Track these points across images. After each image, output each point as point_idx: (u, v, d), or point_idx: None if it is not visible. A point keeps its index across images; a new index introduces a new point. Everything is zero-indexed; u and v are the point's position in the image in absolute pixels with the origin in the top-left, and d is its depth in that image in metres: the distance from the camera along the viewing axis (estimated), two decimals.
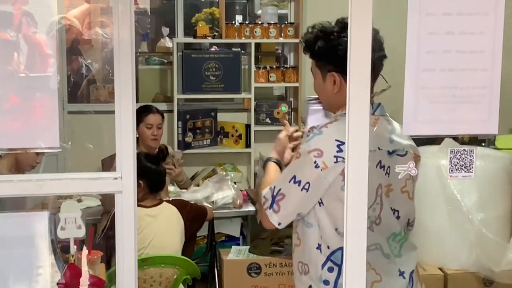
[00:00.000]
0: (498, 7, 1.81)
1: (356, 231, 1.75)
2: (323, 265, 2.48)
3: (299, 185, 2.42)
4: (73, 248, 1.99)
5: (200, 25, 6.15)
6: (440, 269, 3.75)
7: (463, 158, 1.87)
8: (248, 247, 4.55)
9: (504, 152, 4.21)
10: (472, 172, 1.87)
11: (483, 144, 4.26)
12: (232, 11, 7.07)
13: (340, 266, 2.44)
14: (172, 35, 6.61)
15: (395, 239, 2.55)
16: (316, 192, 2.42)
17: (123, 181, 1.68)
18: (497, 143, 4.36)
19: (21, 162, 3.95)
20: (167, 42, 6.86)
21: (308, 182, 2.41)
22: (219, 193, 4.87)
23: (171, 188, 4.94)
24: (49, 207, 3.27)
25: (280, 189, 2.46)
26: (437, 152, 3.63)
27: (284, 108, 6.27)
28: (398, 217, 2.55)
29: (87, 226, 2.04)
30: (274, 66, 6.17)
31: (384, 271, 2.49)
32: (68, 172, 1.80)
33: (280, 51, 6.59)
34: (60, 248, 2.05)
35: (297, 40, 6.07)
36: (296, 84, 6.11)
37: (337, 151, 2.39)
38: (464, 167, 1.87)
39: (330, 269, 2.47)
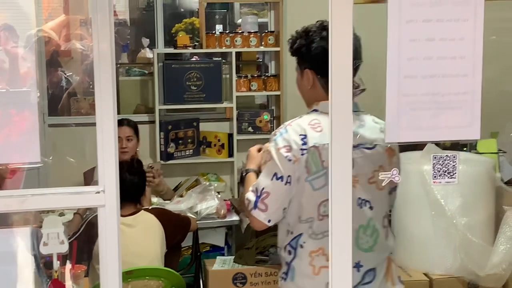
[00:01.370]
0: (477, 13, 1.81)
1: (341, 223, 1.76)
2: (285, 248, 2.70)
3: (282, 180, 2.58)
4: (56, 263, 1.97)
5: (180, 35, 6.14)
6: (425, 274, 3.76)
7: (446, 164, 1.87)
8: (233, 257, 4.53)
9: (486, 156, 4.23)
10: (455, 177, 1.87)
11: (464, 149, 4.28)
12: (212, 20, 7.08)
13: (295, 250, 2.66)
14: (152, 45, 6.59)
15: (366, 232, 2.65)
16: (294, 184, 2.59)
17: (106, 194, 1.67)
18: (478, 147, 4.38)
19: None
20: (148, 53, 6.84)
21: (289, 176, 2.58)
22: (203, 203, 4.85)
23: (154, 199, 4.91)
24: (31, 222, 3.24)
25: (263, 188, 2.60)
26: (420, 158, 3.64)
27: (266, 116, 6.29)
28: (371, 208, 2.65)
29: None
30: (255, 75, 6.17)
31: None
32: (51, 187, 1.78)
33: (261, 60, 6.60)
34: (43, 264, 2.03)
35: (277, 49, 6.07)
36: (278, 92, 6.11)
37: (302, 144, 2.58)
38: (447, 173, 1.88)
39: (289, 252, 2.69)
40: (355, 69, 2.60)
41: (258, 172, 2.75)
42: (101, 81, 1.69)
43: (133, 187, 4.13)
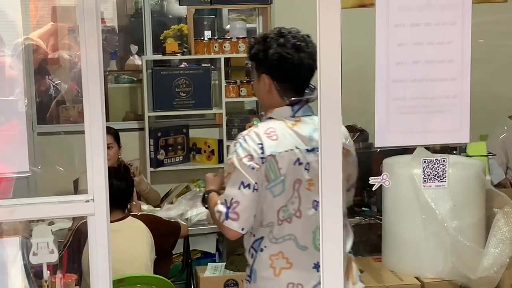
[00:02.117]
0: (465, 16, 1.82)
1: (331, 227, 1.75)
2: (249, 250, 2.83)
3: (249, 188, 2.67)
4: (46, 273, 1.95)
5: (169, 42, 6.13)
6: (417, 278, 3.75)
7: (436, 168, 1.87)
8: (224, 263, 4.51)
9: (476, 159, 4.24)
10: (445, 181, 1.87)
11: (454, 152, 4.28)
12: (201, 27, 7.08)
13: (256, 253, 2.78)
14: (141, 52, 6.58)
15: None
16: (261, 191, 2.69)
17: (95, 203, 1.66)
18: (468, 150, 4.39)
19: None
20: (136, 60, 6.83)
21: (256, 183, 2.68)
22: (193, 210, 4.84)
23: (144, 207, 4.90)
24: (20, 232, 3.21)
25: (232, 198, 2.68)
26: (410, 161, 3.64)
27: (256, 122, 6.28)
28: None
29: (60, 248, 2.01)
30: (245, 81, 6.16)
31: (297, 261, 2.75)
32: (40, 196, 1.77)
33: (250, 65, 6.59)
34: (33, 274, 2.02)
35: None
36: None
37: (261, 153, 2.68)
38: (437, 177, 1.88)
39: (251, 255, 2.81)
40: (313, 75, 2.79)
41: (218, 193, 2.85)
42: (89, 89, 1.68)
43: (120, 193, 4.12)
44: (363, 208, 4.56)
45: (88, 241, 1.74)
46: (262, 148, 2.68)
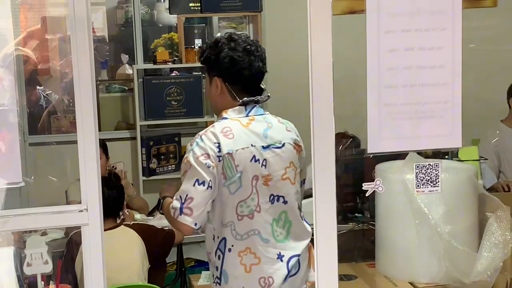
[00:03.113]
0: (455, 22, 1.83)
1: (325, 226, 1.76)
2: (215, 253, 2.88)
3: (203, 185, 2.75)
4: (40, 284, 1.94)
5: (160, 51, 6.13)
6: (410, 283, 3.75)
7: (429, 173, 1.88)
8: None
9: (468, 163, 4.25)
10: (438, 186, 1.88)
11: (446, 156, 4.29)
12: (191, 35, 7.06)
13: (224, 254, 2.85)
14: (131, 61, 6.57)
15: (279, 224, 2.89)
16: (215, 189, 2.79)
17: (89, 213, 1.66)
18: (460, 155, 4.40)
19: None
20: (127, 69, 6.82)
21: (210, 180, 2.76)
22: None
23: (137, 216, 4.88)
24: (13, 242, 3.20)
25: (187, 195, 2.77)
26: (402, 167, 3.64)
27: None
28: (285, 202, 2.90)
29: (54, 259, 2.00)
30: None
31: (262, 254, 2.85)
32: (32, 206, 1.77)
33: None
34: (27, 284, 2.01)
35: None
36: None
37: (217, 152, 2.78)
38: (430, 182, 1.88)
39: (218, 256, 2.87)
40: (262, 77, 2.97)
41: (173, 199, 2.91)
42: (82, 99, 1.68)
43: (112, 201, 4.11)
44: (356, 214, 4.56)
45: (82, 251, 1.74)
46: (219, 147, 2.79)
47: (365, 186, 1.90)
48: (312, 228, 2.76)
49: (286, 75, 6.15)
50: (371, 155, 2.56)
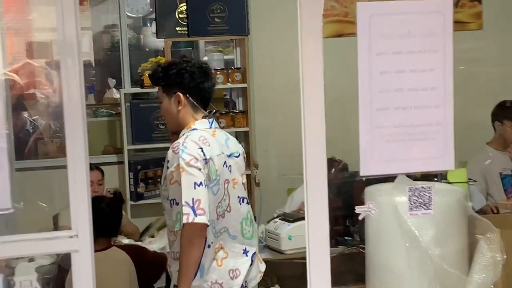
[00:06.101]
0: (446, 44, 1.83)
1: (318, 251, 1.74)
2: None
3: (202, 185, 3.00)
4: None
5: (147, 75, 6.12)
6: None
7: (422, 196, 1.87)
8: None
9: (456, 186, 4.24)
10: (431, 209, 1.87)
11: (435, 179, 4.28)
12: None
13: (203, 250, 3.06)
14: (119, 86, 6.56)
15: (247, 222, 3.27)
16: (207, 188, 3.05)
17: (79, 239, 1.63)
18: (449, 177, 4.39)
19: None
20: (114, 93, 6.81)
21: (204, 179, 3.02)
22: None
23: (125, 241, 4.84)
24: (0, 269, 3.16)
25: (193, 198, 2.97)
26: (392, 189, 3.63)
27: None
28: (247, 203, 3.32)
29: (42, 285, 1.97)
30: (223, 112, 6.16)
31: (230, 249, 3.20)
32: (19, 233, 1.74)
33: (228, 97, 6.60)
34: None
35: (245, 85, 6.08)
36: (247, 128, 6.10)
37: (203, 156, 3.06)
38: (424, 205, 1.87)
39: None
40: (211, 90, 3.32)
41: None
42: (72, 124, 1.66)
43: (110, 222, 4.07)
44: (345, 237, 4.54)
45: (72, 277, 1.71)
46: (202, 151, 3.06)
47: (358, 209, 1.89)
48: None
49: (273, 99, 6.16)
50: (363, 178, 2.57)
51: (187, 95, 3.23)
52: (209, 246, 3.13)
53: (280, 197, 5.61)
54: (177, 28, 6.12)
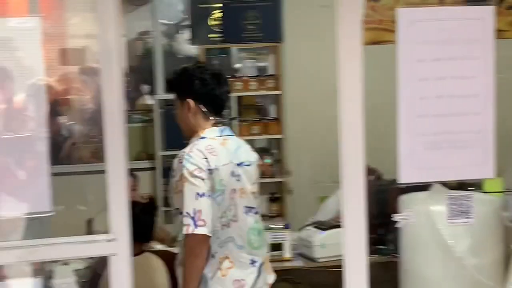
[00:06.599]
0: (488, 51, 1.81)
1: (356, 259, 1.73)
2: None
3: (204, 196, 2.98)
4: None
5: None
6: None
7: (461, 204, 1.85)
8: None
9: (492, 195, 4.19)
10: (471, 217, 1.85)
11: (471, 188, 4.23)
12: None
13: (207, 259, 3.05)
14: (152, 92, 6.59)
15: (254, 232, 3.20)
16: (211, 198, 3.02)
17: (118, 242, 1.64)
18: (485, 186, 4.34)
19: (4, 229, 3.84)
20: (148, 100, 6.84)
21: (208, 190, 3.00)
22: None
23: (158, 246, 4.85)
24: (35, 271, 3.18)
25: (194, 208, 2.96)
26: (426, 198, 3.60)
27: (268, 160, 6.26)
28: (256, 213, 3.22)
29: None
30: (256, 119, 6.15)
31: (237, 259, 3.12)
32: (52, 236, 1.75)
33: (261, 104, 6.59)
34: None
35: (278, 92, 6.07)
36: (280, 136, 6.09)
37: (207, 166, 3.01)
38: (463, 213, 1.85)
39: None
40: (228, 99, 3.28)
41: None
42: (111, 129, 1.67)
43: (143, 227, 4.07)
44: (378, 246, 4.50)
45: (109, 281, 1.71)
46: (207, 162, 3.02)
47: (396, 217, 1.88)
48: None
49: (306, 106, 6.15)
50: (400, 186, 2.55)
51: (197, 102, 3.18)
52: (213, 256, 3.10)
53: (312, 205, 5.59)
54: (211, 35, 6.13)
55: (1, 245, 1.60)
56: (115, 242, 1.63)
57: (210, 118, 3.17)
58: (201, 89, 3.17)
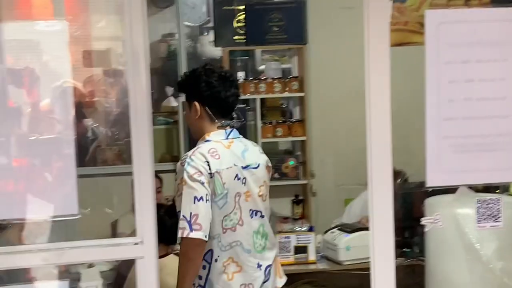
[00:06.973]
0: None
1: (383, 262, 1.71)
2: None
3: (202, 200, 2.97)
4: None
5: None
6: None
7: (490, 207, 1.83)
8: None
9: None
10: (500, 221, 1.83)
11: (497, 191, 4.19)
12: (234, 67, 7.09)
13: (210, 264, 3.08)
14: (176, 94, 6.61)
15: (258, 236, 3.19)
16: (211, 202, 3.01)
17: (145, 246, 1.64)
18: (511, 189, 4.30)
19: (31, 231, 3.86)
20: (172, 102, 6.86)
21: (206, 194, 2.98)
22: None
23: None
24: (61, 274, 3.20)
25: (191, 212, 2.95)
26: (452, 201, 3.56)
27: (292, 162, 6.25)
28: (262, 216, 3.21)
29: None
30: (280, 121, 6.15)
31: (244, 263, 3.13)
32: (78, 239, 1.75)
33: (285, 105, 6.59)
34: None
35: (302, 94, 6.06)
36: (303, 138, 6.08)
37: (208, 169, 3.00)
38: (492, 216, 1.83)
39: (204, 267, 3.09)
40: (237, 101, 3.27)
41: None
42: (138, 132, 1.67)
43: (168, 229, 4.07)
44: (404, 249, 4.48)
45: (136, 283, 1.72)
46: (208, 165, 3.01)
47: (424, 221, 1.86)
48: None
49: (330, 108, 6.14)
50: (428, 189, 2.52)
51: (204, 105, 3.18)
52: (216, 260, 3.09)
53: (336, 207, 5.58)
54: (235, 37, 6.14)
55: (28, 248, 1.61)
56: (142, 245, 1.63)
57: (216, 121, 3.17)
58: (207, 92, 3.17)
